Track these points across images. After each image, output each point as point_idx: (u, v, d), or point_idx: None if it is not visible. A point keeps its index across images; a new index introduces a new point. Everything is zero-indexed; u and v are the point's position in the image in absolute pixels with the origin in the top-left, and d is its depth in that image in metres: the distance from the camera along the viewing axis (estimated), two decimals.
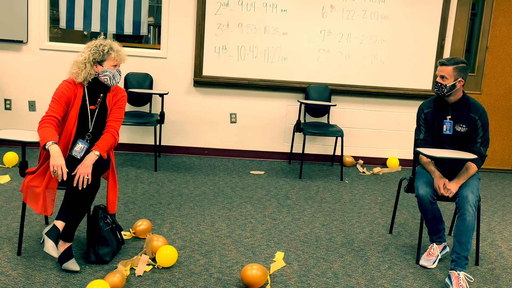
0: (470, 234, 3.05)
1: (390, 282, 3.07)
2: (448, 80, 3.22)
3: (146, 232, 3.41)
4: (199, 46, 5.34)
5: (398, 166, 5.67)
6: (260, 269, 2.87)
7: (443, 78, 3.23)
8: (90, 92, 3.07)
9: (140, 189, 4.40)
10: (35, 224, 3.49)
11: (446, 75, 3.22)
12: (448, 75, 3.21)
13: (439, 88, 3.24)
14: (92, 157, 2.92)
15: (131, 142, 5.57)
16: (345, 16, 5.39)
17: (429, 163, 3.34)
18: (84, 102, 3.04)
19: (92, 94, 3.07)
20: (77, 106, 3.01)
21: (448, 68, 3.22)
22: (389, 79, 5.56)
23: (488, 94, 5.77)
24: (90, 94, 3.07)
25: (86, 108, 3.05)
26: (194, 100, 5.51)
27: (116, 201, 3.15)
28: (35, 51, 5.30)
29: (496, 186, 5.35)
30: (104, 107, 3.10)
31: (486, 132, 3.29)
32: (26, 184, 2.94)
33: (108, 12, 5.35)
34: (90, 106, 3.06)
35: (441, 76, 3.23)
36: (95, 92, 3.08)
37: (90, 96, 3.07)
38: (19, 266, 2.92)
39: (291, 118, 5.60)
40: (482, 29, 5.66)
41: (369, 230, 3.86)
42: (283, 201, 4.35)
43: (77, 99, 3.01)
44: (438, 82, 3.25)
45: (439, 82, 3.25)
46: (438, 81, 3.25)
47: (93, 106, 3.07)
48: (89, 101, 3.06)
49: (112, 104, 3.12)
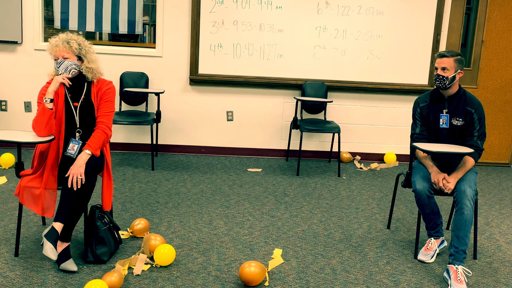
0: (468, 228, 3.05)
1: (389, 277, 3.07)
2: (450, 71, 3.20)
3: (143, 231, 3.40)
4: (195, 44, 5.33)
5: (395, 162, 5.68)
6: (258, 266, 2.86)
7: (444, 70, 3.21)
8: (72, 89, 3.07)
9: (138, 188, 4.39)
10: (32, 225, 3.48)
11: (447, 66, 3.20)
12: (449, 66, 3.20)
13: (441, 80, 3.22)
14: (84, 156, 2.91)
15: (127, 141, 5.55)
16: (340, 12, 5.38)
17: (426, 157, 3.34)
18: (67, 99, 3.04)
19: (74, 91, 3.07)
20: (61, 105, 3.02)
21: (449, 60, 3.21)
22: (385, 74, 5.56)
23: (484, 88, 5.77)
24: (72, 91, 3.07)
25: (70, 105, 3.05)
26: (190, 98, 5.50)
27: (111, 198, 3.13)
28: (30, 52, 5.29)
29: (494, 180, 5.36)
30: (89, 102, 3.08)
31: (482, 125, 3.29)
32: (24, 186, 2.93)
33: (103, 11, 5.33)
34: (73, 103, 3.06)
35: (442, 68, 3.21)
36: (76, 89, 3.08)
37: (72, 93, 3.07)
38: (17, 267, 2.91)
39: (288, 115, 5.60)
40: (478, 23, 5.67)
41: (367, 225, 3.86)
42: (280, 198, 4.35)
43: (60, 98, 3.02)
44: (439, 75, 3.22)
45: (440, 74, 3.22)
46: (440, 73, 3.22)
47: (76, 103, 3.06)
48: (72, 98, 3.06)
49: (99, 98, 3.09)
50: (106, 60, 5.21)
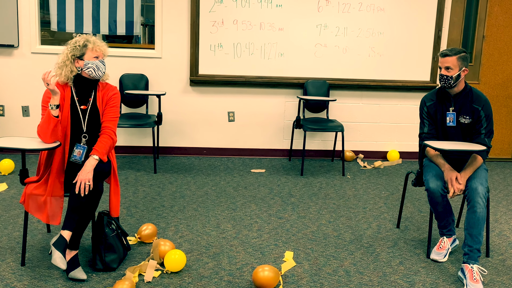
0: (481, 226, 3.01)
1: (403, 278, 3.02)
2: (454, 70, 3.16)
3: (151, 237, 3.34)
4: (194, 45, 5.26)
5: (398, 159, 5.64)
6: (272, 270, 2.81)
7: (448, 69, 3.17)
8: (79, 92, 2.98)
9: (141, 192, 4.32)
10: (37, 233, 3.41)
11: (451, 65, 3.15)
12: (453, 65, 3.16)
13: (446, 80, 3.17)
14: (92, 162, 2.84)
15: (128, 144, 5.48)
16: (341, 10, 5.33)
17: (437, 156, 3.29)
18: (74, 102, 2.96)
19: (81, 93, 2.98)
20: (67, 108, 2.93)
21: (452, 58, 3.16)
22: (387, 71, 5.51)
23: (486, 84, 5.74)
24: (79, 94, 2.98)
25: (77, 109, 2.96)
26: (191, 99, 5.43)
27: (119, 205, 3.07)
28: (26, 55, 5.19)
29: (498, 175, 5.33)
30: (95, 106, 3.01)
31: (490, 123, 3.24)
32: (29, 193, 2.85)
33: (100, 13, 5.25)
34: (81, 106, 2.98)
35: (446, 68, 3.17)
36: (84, 92, 2.99)
37: (79, 95, 2.98)
38: (24, 277, 2.84)
39: (290, 114, 5.54)
40: (478, 19, 5.63)
41: (376, 225, 3.82)
42: (287, 199, 4.29)
43: (66, 101, 2.93)
44: (443, 75, 3.18)
45: (444, 74, 3.18)
46: (443, 73, 3.17)
47: (84, 106, 2.98)
48: (79, 101, 2.98)
49: (104, 103, 3.02)
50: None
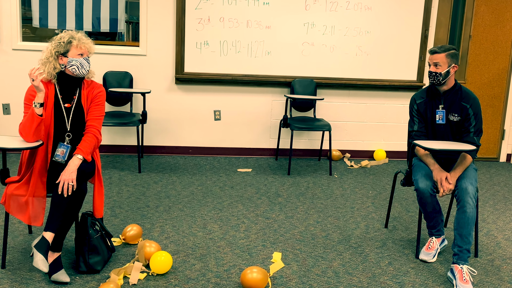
0: (471, 226, 2.99)
1: (392, 279, 2.99)
2: (442, 67, 3.15)
3: (136, 238, 3.26)
4: (180, 42, 5.18)
5: (385, 158, 5.62)
6: (261, 272, 2.76)
7: (437, 66, 3.16)
8: (63, 90, 2.89)
9: (125, 192, 4.23)
10: (17, 234, 3.31)
11: (439, 61, 3.15)
12: (441, 62, 3.15)
13: (434, 77, 3.17)
14: (76, 161, 2.75)
15: (112, 143, 5.38)
16: (329, 8, 5.29)
17: (427, 155, 3.27)
18: (58, 100, 2.87)
19: (65, 91, 2.89)
20: (51, 106, 2.83)
21: (441, 55, 3.16)
22: (374, 70, 5.49)
23: (472, 83, 5.75)
24: (63, 92, 2.89)
25: (61, 107, 2.87)
26: (176, 97, 5.35)
27: (103, 205, 2.99)
28: (7, 52, 5.07)
29: (484, 175, 5.35)
30: (79, 104, 2.92)
31: (478, 121, 3.23)
32: (10, 194, 2.76)
33: (84, 9, 5.14)
34: (65, 104, 2.89)
35: (435, 64, 3.17)
36: (68, 89, 2.90)
37: (64, 93, 2.89)
38: (5, 280, 2.74)
39: (277, 113, 5.49)
40: (465, 18, 5.64)
41: (364, 225, 3.78)
42: (274, 199, 4.24)
43: (49, 99, 2.83)
44: (431, 72, 3.18)
45: (433, 71, 3.17)
46: (432, 70, 3.18)
47: (69, 104, 2.89)
48: (63, 99, 2.89)
49: (89, 101, 2.93)
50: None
